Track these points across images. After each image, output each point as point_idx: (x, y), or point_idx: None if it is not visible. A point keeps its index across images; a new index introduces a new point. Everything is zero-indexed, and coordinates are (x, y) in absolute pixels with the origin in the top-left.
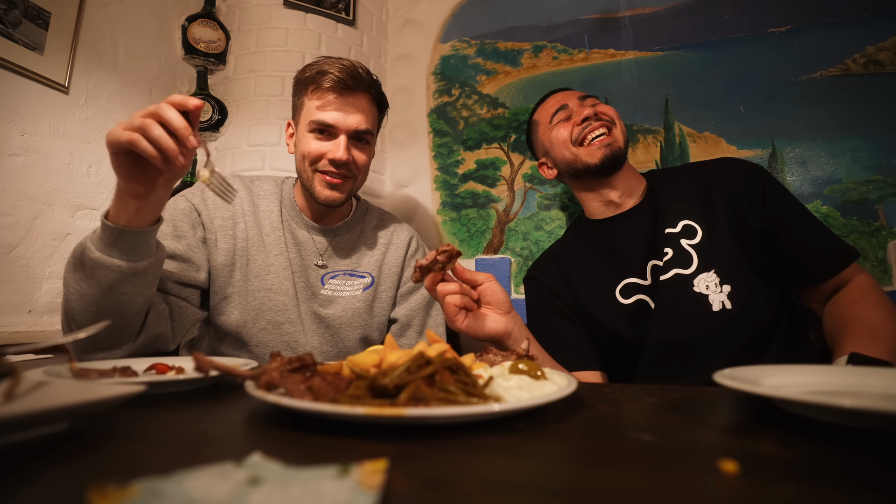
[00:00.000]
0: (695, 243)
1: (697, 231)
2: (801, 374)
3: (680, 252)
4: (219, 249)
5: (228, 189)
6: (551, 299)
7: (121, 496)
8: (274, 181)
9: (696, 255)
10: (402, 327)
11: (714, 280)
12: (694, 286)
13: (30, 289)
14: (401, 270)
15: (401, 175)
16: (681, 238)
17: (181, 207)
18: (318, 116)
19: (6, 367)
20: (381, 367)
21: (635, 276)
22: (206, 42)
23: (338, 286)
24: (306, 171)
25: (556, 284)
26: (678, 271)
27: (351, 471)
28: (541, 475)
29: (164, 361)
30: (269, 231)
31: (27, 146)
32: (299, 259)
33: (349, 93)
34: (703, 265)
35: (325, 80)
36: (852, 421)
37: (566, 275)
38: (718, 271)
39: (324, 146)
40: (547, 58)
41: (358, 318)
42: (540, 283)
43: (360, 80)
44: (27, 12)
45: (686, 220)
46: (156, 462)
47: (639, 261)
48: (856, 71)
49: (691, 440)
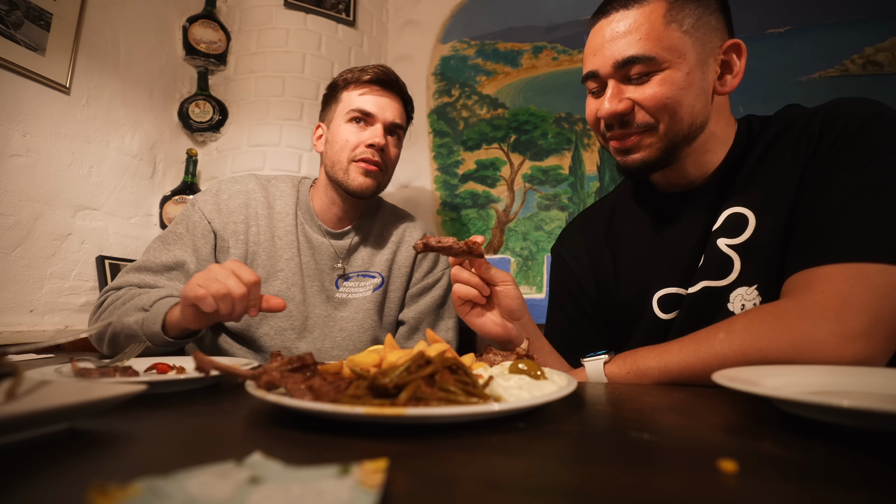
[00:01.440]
0: (738, 242)
1: (749, 222)
2: (800, 374)
3: (714, 256)
4: (230, 256)
5: None
6: (571, 287)
7: (121, 495)
8: (291, 182)
9: (739, 259)
10: (411, 330)
11: (754, 299)
12: (729, 303)
13: (31, 289)
14: (410, 271)
15: (401, 175)
16: (719, 236)
17: (195, 220)
18: (358, 104)
19: (7, 366)
20: (381, 366)
21: (676, 285)
22: (206, 43)
23: (351, 288)
24: (341, 161)
25: (581, 268)
26: (707, 284)
27: (351, 470)
28: (541, 475)
29: (165, 361)
30: (283, 234)
31: (28, 146)
32: (313, 263)
33: (386, 89)
34: (746, 276)
35: (366, 75)
36: (851, 421)
37: (599, 259)
38: (762, 287)
39: (362, 133)
40: (547, 58)
41: (369, 319)
42: (563, 262)
43: (396, 82)
44: (29, 13)
45: (734, 208)
46: (156, 461)
47: (684, 264)
48: (854, 72)
49: (691, 440)
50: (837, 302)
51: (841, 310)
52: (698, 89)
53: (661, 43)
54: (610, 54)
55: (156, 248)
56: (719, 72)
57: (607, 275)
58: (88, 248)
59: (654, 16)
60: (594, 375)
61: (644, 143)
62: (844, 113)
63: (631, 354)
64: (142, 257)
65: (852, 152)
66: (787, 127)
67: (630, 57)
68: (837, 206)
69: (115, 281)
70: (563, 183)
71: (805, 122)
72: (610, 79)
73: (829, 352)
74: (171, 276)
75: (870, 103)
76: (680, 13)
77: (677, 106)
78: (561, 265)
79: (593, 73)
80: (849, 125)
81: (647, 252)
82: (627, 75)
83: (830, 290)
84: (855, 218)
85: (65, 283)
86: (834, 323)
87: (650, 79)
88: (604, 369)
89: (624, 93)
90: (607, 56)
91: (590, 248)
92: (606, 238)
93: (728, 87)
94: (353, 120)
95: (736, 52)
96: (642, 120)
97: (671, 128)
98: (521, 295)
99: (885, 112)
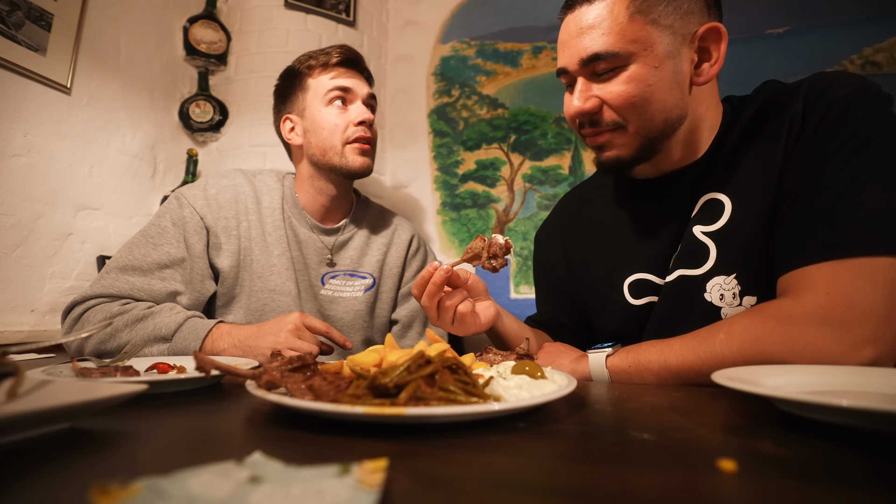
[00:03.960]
0: (713, 230)
1: (725, 208)
2: (799, 374)
3: (689, 244)
4: (223, 252)
5: None
6: (548, 272)
7: (122, 495)
8: (276, 176)
9: (715, 246)
10: (404, 328)
11: (733, 289)
12: (706, 293)
13: (32, 288)
14: (401, 271)
15: (401, 175)
16: (695, 223)
17: (185, 215)
18: (335, 83)
19: (9, 366)
20: (381, 366)
21: (649, 271)
22: (207, 43)
23: (338, 287)
24: (335, 146)
25: (555, 254)
26: (683, 272)
27: (351, 470)
28: (540, 474)
29: (166, 361)
30: (272, 230)
31: (29, 147)
32: (301, 258)
33: (354, 68)
34: (722, 264)
35: (332, 58)
36: (850, 420)
37: (570, 245)
38: (742, 276)
39: (347, 114)
40: (546, 58)
41: (360, 319)
42: (540, 249)
43: (360, 61)
44: (30, 14)
45: (711, 194)
46: (157, 461)
47: (659, 250)
48: (853, 72)
49: (690, 439)
50: (843, 306)
51: (846, 315)
52: (670, 83)
53: (625, 36)
54: (575, 51)
55: (140, 244)
56: (696, 60)
57: (579, 258)
58: (89, 247)
59: (616, 7)
60: (596, 367)
61: (616, 142)
62: (827, 90)
63: (634, 348)
64: (123, 255)
65: (839, 134)
66: (767, 106)
67: (593, 55)
68: (832, 196)
69: (95, 286)
70: (563, 183)
71: (786, 101)
72: (578, 76)
73: (836, 360)
74: (164, 274)
75: (852, 78)
76: (645, 2)
77: (646, 104)
78: (538, 250)
79: (563, 69)
80: (833, 104)
81: (619, 237)
82: (595, 71)
83: (836, 292)
84: (855, 209)
85: (66, 282)
86: (839, 329)
87: (617, 75)
88: (605, 362)
89: (591, 90)
90: (573, 53)
91: (564, 233)
92: (580, 223)
93: (705, 77)
94: (332, 101)
95: (714, 37)
96: (610, 118)
97: (642, 126)
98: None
99: (867, 88)
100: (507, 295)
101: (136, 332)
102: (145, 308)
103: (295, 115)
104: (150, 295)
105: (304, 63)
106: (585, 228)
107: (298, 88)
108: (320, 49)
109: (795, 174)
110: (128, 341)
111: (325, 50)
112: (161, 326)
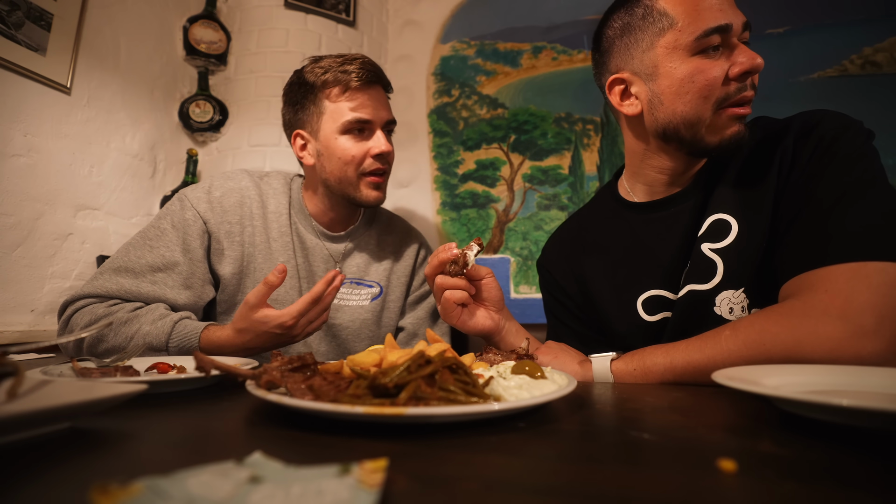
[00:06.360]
0: (720, 247)
1: (731, 228)
2: (799, 374)
3: (698, 260)
4: (225, 258)
5: None
6: (560, 297)
7: (122, 495)
8: (283, 179)
9: (722, 262)
10: (409, 336)
11: (742, 302)
12: (715, 307)
13: (32, 288)
14: (409, 280)
15: (401, 175)
16: (703, 241)
17: (186, 217)
18: (354, 115)
19: (9, 366)
20: (381, 366)
21: (662, 288)
22: (207, 43)
23: (343, 295)
24: (349, 177)
25: (566, 279)
26: (692, 287)
27: (351, 469)
28: (540, 474)
29: (166, 361)
30: (277, 236)
31: (29, 147)
32: (307, 265)
33: (372, 86)
34: (729, 279)
35: (353, 80)
36: (850, 420)
37: (579, 269)
38: (750, 291)
39: (364, 145)
40: (546, 58)
41: (366, 328)
42: (549, 275)
43: (379, 72)
44: (30, 14)
45: (718, 214)
46: (157, 461)
47: (670, 266)
48: (853, 72)
49: (690, 439)
50: (841, 299)
51: (845, 307)
52: None
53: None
54: (737, 14)
55: (137, 245)
56: None
57: (589, 281)
58: (89, 247)
59: None
60: (600, 372)
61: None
62: (816, 126)
63: (638, 352)
64: (119, 256)
65: (832, 160)
66: (764, 139)
67: (748, 22)
68: (826, 210)
69: (87, 286)
70: (563, 183)
71: (777, 136)
72: (736, 37)
73: (840, 348)
74: (155, 278)
75: (838, 115)
76: None
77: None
78: (545, 277)
79: (725, 27)
80: (823, 137)
81: (629, 257)
82: (742, 38)
83: (833, 289)
84: (845, 220)
85: (66, 282)
86: (839, 320)
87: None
88: (610, 366)
89: None
90: (737, 13)
91: (570, 258)
92: (585, 247)
93: None
94: (351, 131)
95: None
96: (755, 84)
97: None
98: (499, 285)
99: (853, 123)
100: (508, 295)
101: (120, 336)
102: (130, 310)
103: (307, 132)
104: (139, 298)
105: (320, 76)
106: (592, 251)
107: (311, 104)
108: (337, 58)
109: (791, 197)
110: (114, 344)
111: (343, 65)
112: (153, 332)
